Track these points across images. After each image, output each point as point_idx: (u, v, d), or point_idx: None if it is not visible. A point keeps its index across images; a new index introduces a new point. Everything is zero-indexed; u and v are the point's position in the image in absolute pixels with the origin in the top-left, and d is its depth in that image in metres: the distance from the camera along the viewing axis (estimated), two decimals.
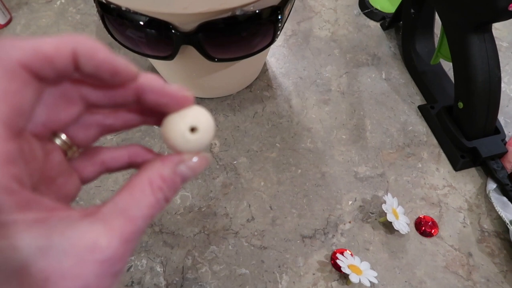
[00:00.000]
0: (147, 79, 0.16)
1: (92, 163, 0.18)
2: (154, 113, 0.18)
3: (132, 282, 0.36)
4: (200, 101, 0.48)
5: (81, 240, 0.13)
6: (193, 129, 0.17)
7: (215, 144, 0.45)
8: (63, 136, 0.17)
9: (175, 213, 0.40)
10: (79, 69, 0.14)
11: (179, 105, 0.17)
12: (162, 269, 0.37)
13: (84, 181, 0.18)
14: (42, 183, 0.16)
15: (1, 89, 0.13)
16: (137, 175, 0.16)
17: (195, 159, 0.17)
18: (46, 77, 0.14)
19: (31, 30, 0.54)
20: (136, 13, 0.32)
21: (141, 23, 0.33)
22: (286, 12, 0.37)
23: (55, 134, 0.17)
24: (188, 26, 0.33)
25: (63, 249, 0.13)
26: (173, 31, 0.33)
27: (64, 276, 0.13)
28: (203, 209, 0.40)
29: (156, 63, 0.44)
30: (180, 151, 0.17)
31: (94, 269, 0.13)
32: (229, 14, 0.32)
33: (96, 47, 0.14)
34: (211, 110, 0.47)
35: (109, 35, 0.52)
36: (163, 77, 0.48)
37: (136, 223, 0.14)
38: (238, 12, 0.32)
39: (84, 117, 0.17)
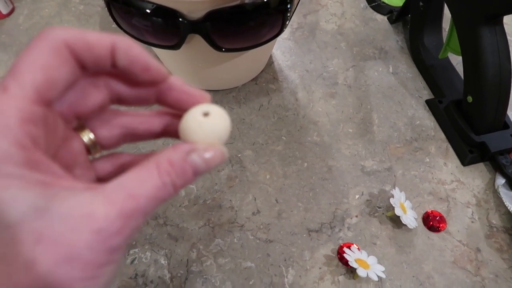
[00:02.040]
0: (172, 79, 0.17)
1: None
2: (175, 122, 0.18)
3: (136, 274, 0.36)
4: None
5: (79, 209, 0.13)
6: (206, 114, 0.17)
7: None
8: (91, 135, 0.18)
9: (180, 206, 0.39)
10: (115, 61, 0.15)
11: (197, 101, 0.18)
12: (166, 262, 0.36)
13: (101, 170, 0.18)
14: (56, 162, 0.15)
15: (42, 61, 0.14)
16: (145, 160, 0.15)
17: (208, 152, 0.16)
18: (85, 61, 0.15)
19: (33, 20, 0.54)
20: (143, 0, 0.31)
21: (148, 11, 0.32)
22: (295, 2, 0.36)
23: (82, 128, 0.17)
24: (195, 14, 0.32)
25: (60, 215, 0.13)
26: (180, 19, 0.32)
27: (56, 241, 0.12)
28: (208, 202, 0.40)
29: (161, 52, 0.44)
30: (195, 140, 0.16)
31: (88, 239, 0.13)
32: (237, 2, 0.31)
33: (133, 44, 0.15)
34: (216, 102, 0.47)
35: (113, 25, 0.52)
36: (168, 68, 0.47)
37: (138, 201, 0.14)
38: (247, 1, 0.32)
39: (109, 116, 0.18)
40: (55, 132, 0.15)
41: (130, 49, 0.15)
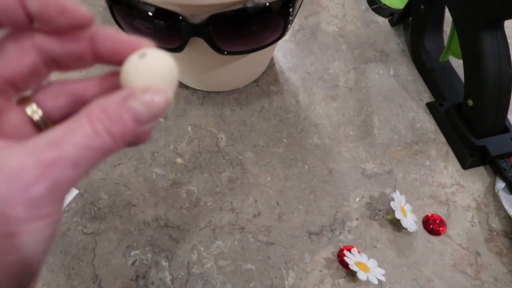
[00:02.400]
0: (101, 28, 0.16)
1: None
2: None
3: (137, 276, 0.36)
4: (206, 94, 0.47)
5: None
6: (142, 56, 0.15)
7: (222, 138, 0.44)
8: (34, 107, 0.16)
9: (181, 207, 0.39)
10: (26, 7, 0.14)
11: (134, 48, 0.16)
12: (167, 264, 0.36)
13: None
14: None
15: None
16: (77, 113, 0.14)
17: (148, 93, 0.15)
18: None
19: None
20: (146, 3, 0.31)
21: (151, 13, 0.32)
22: (297, 5, 0.36)
23: (25, 101, 0.16)
24: (198, 17, 0.32)
25: None
26: (183, 22, 0.32)
27: None
28: (209, 204, 0.40)
29: None
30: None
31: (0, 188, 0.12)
32: (240, 6, 0.32)
33: None
34: (217, 104, 0.47)
35: (115, 27, 0.52)
36: None
37: (62, 148, 0.13)
38: (249, 4, 0.32)
39: (55, 87, 0.17)
40: None
41: None
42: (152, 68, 0.15)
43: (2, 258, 0.13)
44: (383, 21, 0.57)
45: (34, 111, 0.16)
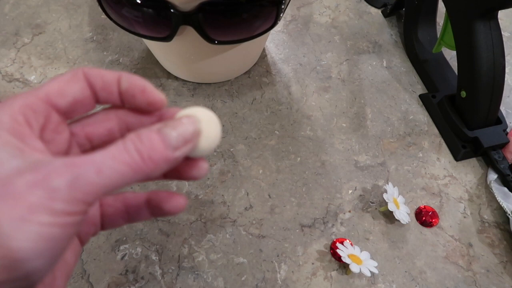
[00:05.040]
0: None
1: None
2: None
3: (127, 270, 0.35)
4: (197, 86, 0.47)
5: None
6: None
7: None
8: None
9: None
10: (120, 86, 0.18)
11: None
12: (157, 258, 0.36)
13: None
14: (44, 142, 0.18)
15: (62, 79, 0.17)
16: None
17: (178, 120, 0.17)
18: (96, 85, 0.18)
19: (20, 9, 0.52)
20: None
21: (138, 1, 0.31)
22: None
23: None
24: (187, 5, 0.31)
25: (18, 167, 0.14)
26: (172, 10, 0.31)
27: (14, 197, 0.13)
28: (200, 197, 0.39)
29: (152, 45, 0.43)
30: None
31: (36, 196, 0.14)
32: None
33: (135, 75, 0.18)
34: (208, 96, 0.46)
35: (103, 16, 0.51)
36: (159, 60, 0.46)
37: (90, 156, 0.15)
38: None
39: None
40: (57, 131, 0.18)
41: (131, 76, 0.18)
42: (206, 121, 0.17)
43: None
44: (376, 12, 0.56)
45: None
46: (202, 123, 0.17)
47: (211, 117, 0.18)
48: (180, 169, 0.19)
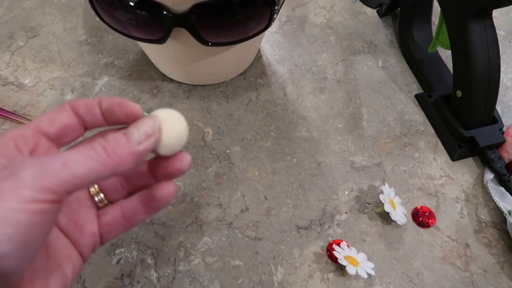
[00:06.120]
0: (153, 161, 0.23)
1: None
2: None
3: (122, 274, 0.35)
4: (192, 88, 0.46)
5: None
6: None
7: (208, 133, 0.43)
8: (101, 195, 0.23)
9: None
10: (101, 106, 0.21)
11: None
12: (153, 261, 0.36)
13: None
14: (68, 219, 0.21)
15: (51, 112, 0.21)
16: None
17: (143, 121, 0.19)
18: (80, 110, 0.21)
19: (14, 12, 0.52)
20: None
21: (131, 3, 0.31)
22: None
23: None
24: (181, 7, 0.31)
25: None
26: (164, 12, 0.31)
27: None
28: (195, 199, 0.39)
29: (146, 47, 0.42)
30: None
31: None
32: None
33: (111, 96, 0.21)
34: (203, 98, 0.46)
35: (96, 19, 0.50)
36: (154, 62, 0.46)
37: (60, 153, 0.17)
38: None
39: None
40: (47, 153, 0.20)
41: (109, 97, 0.20)
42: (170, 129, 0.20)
43: None
44: (371, 12, 0.56)
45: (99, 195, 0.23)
46: (162, 120, 0.19)
47: (172, 114, 0.20)
48: (166, 165, 0.21)
